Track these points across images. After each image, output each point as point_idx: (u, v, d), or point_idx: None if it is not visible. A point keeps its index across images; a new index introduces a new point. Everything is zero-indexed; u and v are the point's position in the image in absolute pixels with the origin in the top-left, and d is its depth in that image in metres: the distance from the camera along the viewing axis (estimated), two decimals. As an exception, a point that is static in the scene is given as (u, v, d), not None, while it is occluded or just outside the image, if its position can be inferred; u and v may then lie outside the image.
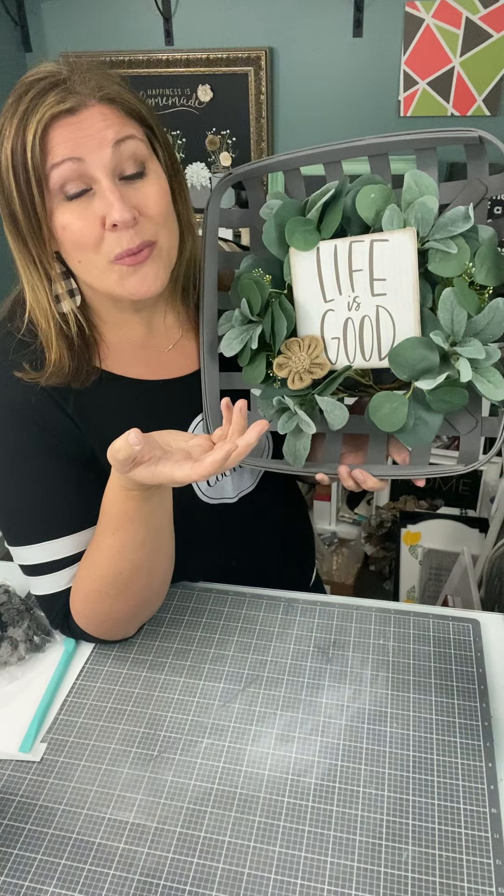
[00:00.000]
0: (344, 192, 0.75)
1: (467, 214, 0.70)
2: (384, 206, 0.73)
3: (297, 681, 0.81)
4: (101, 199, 0.69)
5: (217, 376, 0.86)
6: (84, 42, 2.19)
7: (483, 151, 0.73)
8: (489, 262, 0.72)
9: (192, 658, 0.85)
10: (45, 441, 0.78)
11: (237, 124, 2.13)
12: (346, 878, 0.63)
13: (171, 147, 0.78)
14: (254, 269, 0.81)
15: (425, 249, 0.72)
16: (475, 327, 0.71)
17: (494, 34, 1.84)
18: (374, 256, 0.73)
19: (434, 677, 0.80)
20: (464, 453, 0.78)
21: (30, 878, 0.64)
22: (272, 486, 0.97)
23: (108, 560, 0.75)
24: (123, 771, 0.73)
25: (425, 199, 0.71)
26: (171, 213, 0.75)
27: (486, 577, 1.58)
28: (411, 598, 1.95)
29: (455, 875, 0.62)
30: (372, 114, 2.03)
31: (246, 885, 0.63)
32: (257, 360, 0.82)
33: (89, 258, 0.72)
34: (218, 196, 0.84)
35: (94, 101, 0.68)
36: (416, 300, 0.73)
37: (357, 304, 0.76)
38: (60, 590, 0.80)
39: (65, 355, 0.77)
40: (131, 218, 0.69)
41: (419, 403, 0.75)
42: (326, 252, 0.76)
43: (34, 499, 0.78)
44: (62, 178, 0.68)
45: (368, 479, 0.79)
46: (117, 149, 0.69)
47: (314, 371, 0.78)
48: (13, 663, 0.85)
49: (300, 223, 0.76)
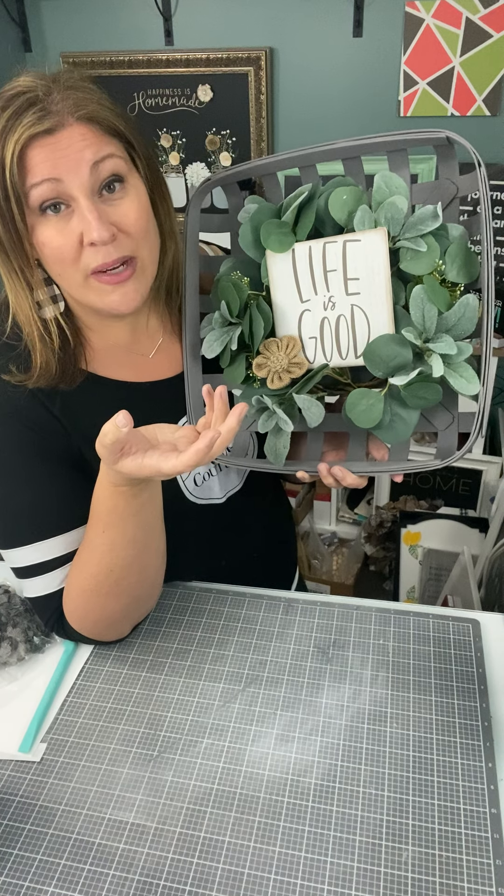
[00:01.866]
0: (317, 194, 0.77)
1: (436, 213, 0.72)
2: (356, 207, 0.74)
3: (297, 681, 0.81)
4: (79, 217, 0.70)
5: (200, 378, 0.87)
6: (84, 42, 2.19)
7: (452, 152, 0.75)
8: (460, 260, 0.73)
9: (192, 658, 0.85)
10: (34, 442, 0.79)
11: (237, 124, 2.13)
12: (346, 878, 0.63)
13: (152, 158, 0.78)
14: (232, 272, 0.83)
15: (397, 248, 0.74)
16: (446, 323, 0.73)
17: (494, 34, 1.83)
18: (348, 256, 0.75)
19: (434, 677, 0.80)
20: (441, 448, 0.79)
21: (30, 879, 0.64)
22: (258, 485, 0.98)
23: (100, 557, 0.75)
24: (123, 771, 0.73)
25: (394, 198, 0.73)
26: (151, 227, 0.75)
27: (486, 577, 1.58)
28: (411, 598, 1.95)
29: (455, 875, 0.62)
30: (372, 114, 2.03)
31: (246, 885, 0.63)
32: (237, 362, 0.84)
33: (68, 273, 0.73)
34: (197, 202, 0.86)
35: (72, 120, 0.68)
36: (388, 298, 0.74)
37: (332, 304, 0.78)
38: (54, 590, 0.80)
39: (50, 358, 0.78)
40: (109, 236, 0.70)
41: (395, 400, 0.76)
42: (301, 253, 0.77)
43: (25, 500, 0.79)
44: (41, 198, 0.69)
45: (347, 475, 0.80)
46: (95, 168, 0.69)
47: (292, 370, 0.79)
48: (13, 664, 0.85)
49: (275, 226, 0.77)
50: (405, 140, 0.74)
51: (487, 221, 0.70)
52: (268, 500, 1.05)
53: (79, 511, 0.79)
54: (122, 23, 2.14)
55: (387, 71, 1.96)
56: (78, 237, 0.70)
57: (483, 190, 0.70)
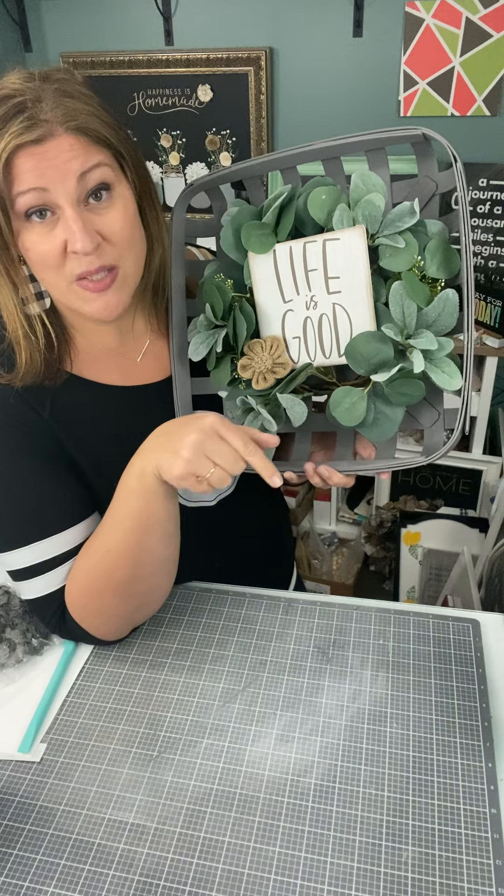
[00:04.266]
0: (297, 195, 0.77)
1: (413, 210, 0.72)
2: (335, 206, 0.75)
3: (297, 681, 0.81)
4: (64, 226, 0.70)
5: (188, 381, 0.87)
6: (84, 42, 2.19)
7: (430, 149, 0.75)
8: (440, 256, 0.73)
9: (192, 658, 0.85)
10: (24, 443, 0.79)
11: (237, 124, 2.13)
12: (345, 878, 0.62)
13: (141, 166, 0.77)
14: (216, 275, 0.83)
15: (376, 246, 0.74)
16: (427, 319, 0.73)
17: (494, 34, 1.83)
18: (328, 255, 0.75)
19: (434, 677, 0.80)
20: (427, 445, 0.79)
21: (30, 879, 0.64)
22: (251, 487, 0.98)
23: (100, 537, 0.77)
24: (123, 771, 0.73)
25: (371, 196, 0.73)
26: (136, 235, 0.75)
27: (486, 577, 1.58)
28: (411, 598, 1.95)
29: (455, 875, 0.62)
30: (372, 114, 2.03)
31: (246, 885, 0.63)
32: (223, 364, 0.84)
33: (52, 278, 0.73)
34: (182, 207, 0.86)
35: (61, 130, 0.67)
36: (369, 296, 0.74)
37: (314, 303, 0.78)
38: (54, 589, 0.80)
39: (35, 356, 0.78)
40: (93, 247, 0.70)
41: (379, 397, 0.77)
42: (282, 254, 0.78)
43: (20, 502, 0.79)
44: (27, 205, 0.69)
45: (333, 475, 0.80)
46: (83, 178, 0.69)
47: (277, 371, 0.80)
48: (11, 666, 0.85)
49: (255, 227, 0.78)
50: (381, 139, 0.74)
51: (465, 216, 0.70)
52: (261, 502, 1.05)
53: (74, 510, 0.79)
54: (122, 23, 2.14)
55: (387, 71, 1.97)
56: (62, 244, 0.70)
57: (460, 185, 0.70)
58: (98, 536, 0.78)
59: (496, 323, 1.88)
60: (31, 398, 0.79)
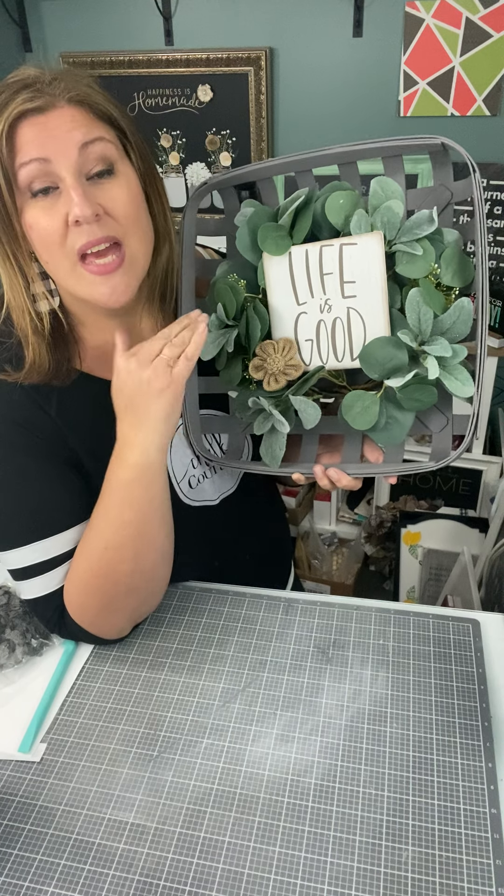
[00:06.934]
0: (314, 198, 0.78)
1: (431, 217, 0.72)
2: (352, 211, 0.75)
3: (297, 681, 0.81)
4: (65, 197, 0.70)
5: (196, 380, 0.87)
6: (84, 42, 2.19)
7: (447, 158, 0.75)
8: (455, 264, 0.74)
9: (192, 658, 0.85)
10: (29, 442, 0.79)
11: (237, 124, 2.13)
12: (345, 878, 0.63)
13: (147, 154, 0.78)
14: (229, 275, 0.83)
15: (393, 252, 0.74)
16: (441, 326, 0.73)
17: (494, 34, 1.83)
18: (344, 260, 0.75)
19: (434, 677, 0.80)
20: (436, 450, 0.79)
21: (30, 879, 0.64)
22: (252, 487, 0.99)
23: (96, 535, 0.77)
24: (123, 771, 0.73)
25: (390, 203, 0.73)
26: (141, 217, 0.75)
27: (486, 577, 1.58)
28: (411, 598, 1.95)
29: (455, 875, 0.62)
30: (372, 114, 2.03)
31: (246, 885, 0.63)
32: (233, 364, 0.84)
33: (56, 258, 0.72)
34: (194, 205, 0.86)
35: (63, 102, 0.69)
36: (384, 301, 0.75)
37: (329, 307, 0.78)
38: (54, 589, 0.80)
39: (43, 353, 0.78)
40: (92, 214, 0.69)
41: (391, 402, 0.77)
42: (298, 256, 0.78)
43: (22, 501, 0.79)
44: (30, 177, 0.69)
45: (343, 477, 0.80)
46: (84, 150, 0.69)
47: (289, 372, 0.80)
48: (10, 667, 0.85)
49: (272, 229, 0.78)
50: (400, 146, 0.75)
51: (482, 226, 0.70)
52: (262, 502, 1.05)
53: (78, 509, 0.79)
54: (122, 23, 2.14)
55: (387, 71, 1.96)
56: (64, 218, 0.70)
57: (477, 196, 0.71)
58: (92, 536, 0.78)
59: (496, 323, 1.88)
60: (38, 397, 0.79)
